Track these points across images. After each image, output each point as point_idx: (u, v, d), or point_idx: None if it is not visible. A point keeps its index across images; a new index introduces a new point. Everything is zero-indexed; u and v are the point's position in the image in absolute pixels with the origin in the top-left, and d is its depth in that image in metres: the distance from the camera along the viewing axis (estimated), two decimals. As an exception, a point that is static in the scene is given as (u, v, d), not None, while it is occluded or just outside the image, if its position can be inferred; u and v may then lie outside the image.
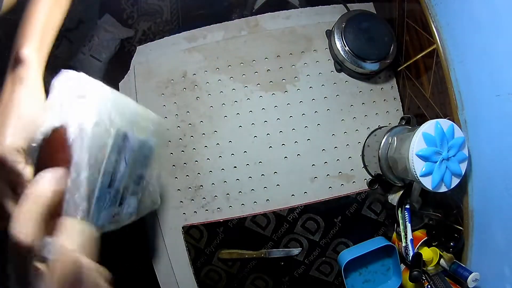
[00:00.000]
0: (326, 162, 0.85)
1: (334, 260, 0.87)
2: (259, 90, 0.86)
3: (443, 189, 0.64)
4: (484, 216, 0.68)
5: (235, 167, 0.84)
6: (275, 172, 0.85)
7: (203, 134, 0.85)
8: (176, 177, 0.84)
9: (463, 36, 0.65)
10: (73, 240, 0.28)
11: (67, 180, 0.33)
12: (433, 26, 0.70)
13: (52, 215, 0.29)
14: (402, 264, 0.82)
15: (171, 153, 0.84)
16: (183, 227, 0.83)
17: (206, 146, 0.85)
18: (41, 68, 0.46)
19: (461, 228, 0.73)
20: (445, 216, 0.77)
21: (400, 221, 0.77)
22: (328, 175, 0.85)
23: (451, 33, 0.68)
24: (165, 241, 0.84)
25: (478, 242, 0.70)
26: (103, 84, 0.46)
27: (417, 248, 0.74)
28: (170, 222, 0.84)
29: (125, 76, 0.87)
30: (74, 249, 0.27)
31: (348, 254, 0.81)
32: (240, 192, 0.84)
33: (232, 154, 0.84)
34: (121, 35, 1.12)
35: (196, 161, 0.84)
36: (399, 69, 0.87)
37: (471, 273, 0.67)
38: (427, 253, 0.73)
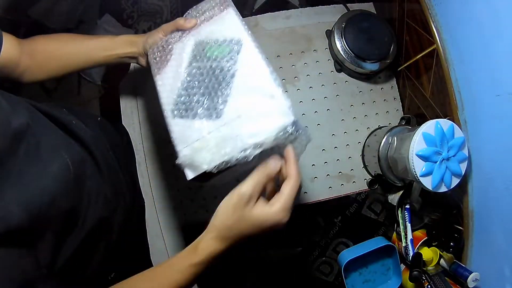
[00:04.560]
0: (326, 162, 0.85)
1: (334, 260, 0.87)
2: (259, 90, 0.86)
3: (443, 189, 0.64)
4: (484, 216, 0.68)
5: (235, 167, 0.84)
6: (275, 172, 0.85)
7: (203, 134, 0.84)
8: (176, 178, 0.84)
9: (463, 36, 0.65)
10: None
11: None
12: (433, 26, 0.70)
13: None
14: (402, 264, 0.82)
15: (171, 153, 0.84)
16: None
17: (206, 146, 0.84)
18: None
19: (461, 228, 0.73)
20: (445, 216, 0.77)
21: (400, 221, 0.77)
22: (328, 175, 0.85)
23: (451, 33, 0.68)
24: (165, 241, 0.84)
25: (478, 242, 0.70)
26: None
27: (417, 248, 0.74)
28: (170, 222, 0.84)
29: (125, 76, 0.87)
30: None
31: (348, 254, 0.81)
32: (240, 192, 0.84)
33: (232, 154, 0.84)
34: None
35: (196, 161, 0.84)
36: (399, 69, 0.87)
37: (471, 273, 0.67)
38: (427, 253, 0.73)
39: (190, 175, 0.44)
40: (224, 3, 0.57)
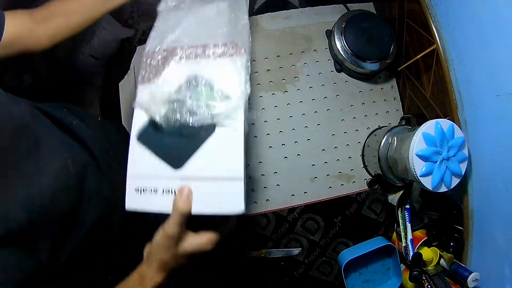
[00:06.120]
0: (326, 162, 0.85)
1: (334, 260, 0.87)
2: (259, 90, 0.86)
3: (443, 189, 0.64)
4: (484, 216, 0.68)
5: (235, 167, 0.84)
6: (275, 172, 0.85)
7: (203, 134, 0.84)
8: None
9: (463, 36, 0.65)
10: None
11: None
12: (433, 26, 0.70)
13: None
14: (402, 264, 0.82)
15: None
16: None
17: (206, 146, 0.84)
18: None
19: (461, 228, 0.73)
20: (445, 216, 0.77)
21: (400, 221, 0.77)
22: (328, 175, 0.85)
23: (451, 33, 0.68)
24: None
25: (478, 242, 0.70)
26: None
27: (417, 248, 0.74)
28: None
29: (125, 76, 0.87)
30: None
31: (348, 254, 0.81)
32: (240, 192, 0.84)
33: (232, 154, 0.84)
34: (121, 35, 1.12)
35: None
36: (399, 69, 0.87)
37: (471, 273, 0.67)
38: (427, 253, 0.73)
39: (129, 205, 0.44)
40: (239, 47, 0.49)
